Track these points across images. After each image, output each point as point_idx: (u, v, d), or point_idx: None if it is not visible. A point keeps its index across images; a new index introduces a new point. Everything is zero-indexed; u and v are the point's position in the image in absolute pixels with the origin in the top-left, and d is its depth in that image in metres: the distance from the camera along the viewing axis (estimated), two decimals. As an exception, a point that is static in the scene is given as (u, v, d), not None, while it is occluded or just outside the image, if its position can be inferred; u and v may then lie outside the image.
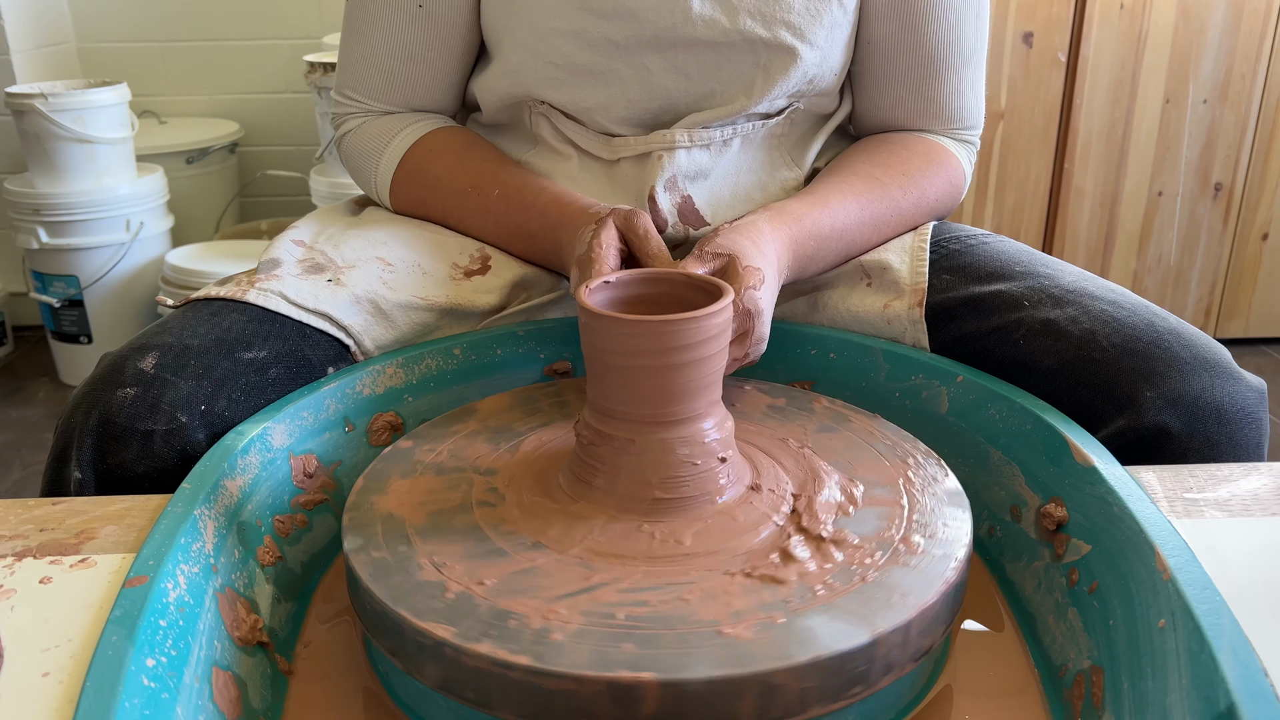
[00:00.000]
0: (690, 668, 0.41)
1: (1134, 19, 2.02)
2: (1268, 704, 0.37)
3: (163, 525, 0.50)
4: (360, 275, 0.72)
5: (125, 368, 0.61)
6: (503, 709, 0.43)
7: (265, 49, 2.43)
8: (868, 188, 0.76)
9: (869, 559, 0.48)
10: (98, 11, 2.39)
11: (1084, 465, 0.55)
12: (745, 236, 0.66)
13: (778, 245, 0.68)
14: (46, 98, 1.91)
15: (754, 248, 0.65)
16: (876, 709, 0.46)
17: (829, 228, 0.73)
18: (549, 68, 0.77)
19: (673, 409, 0.50)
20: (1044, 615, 0.55)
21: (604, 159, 0.81)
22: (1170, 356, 0.62)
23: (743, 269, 0.63)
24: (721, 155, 0.80)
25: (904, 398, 0.69)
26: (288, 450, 0.61)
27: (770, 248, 0.67)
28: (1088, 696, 0.48)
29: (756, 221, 0.69)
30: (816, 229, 0.72)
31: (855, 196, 0.75)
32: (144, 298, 2.11)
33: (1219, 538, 0.50)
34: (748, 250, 0.64)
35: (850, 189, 0.76)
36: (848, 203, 0.75)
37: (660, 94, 0.77)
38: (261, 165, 2.49)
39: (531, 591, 0.46)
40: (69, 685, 0.41)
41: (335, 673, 0.52)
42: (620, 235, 0.67)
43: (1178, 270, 2.22)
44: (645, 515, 0.51)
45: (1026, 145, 2.10)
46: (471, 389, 0.71)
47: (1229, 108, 2.09)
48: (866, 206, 0.76)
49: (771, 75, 0.76)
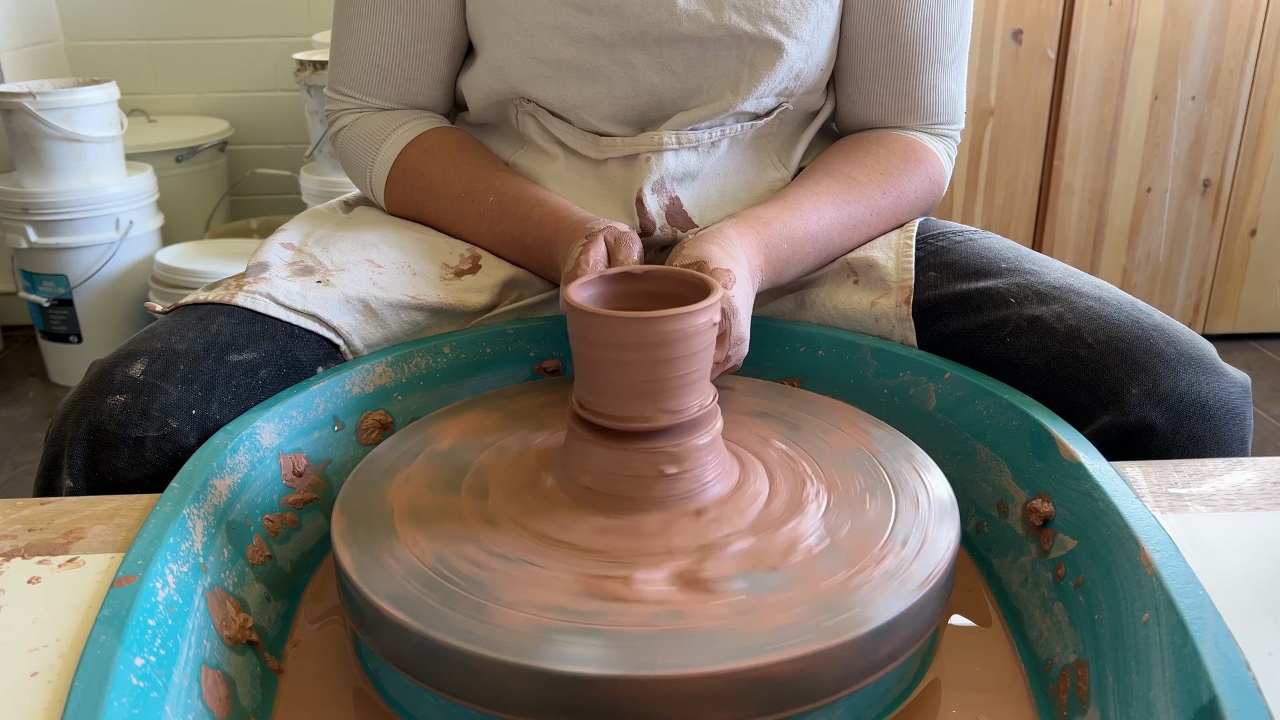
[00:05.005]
0: (677, 664, 0.41)
1: (1123, 16, 2.03)
2: (1249, 696, 0.38)
3: (151, 525, 0.50)
4: (350, 277, 0.72)
5: (114, 375, 0.61)
6: (492, 706, 0.43)
7: (255, 47, 2.42)
8: (844, 189, 0.77)
9: (859, 558, 0.48)
10: (86, 9, 2.38)
11: (1070, 461, 0.55)
12: (712, 242, 0.66)
13: (746, 249, 0.68)
14: (35, 96, 1.90)
15: (721, 251, 0.65)
16: (864, 704, 0.46)
17: (802, 231, 0.73)
18: (534, 64, 0.77)
19: (661, 406, 0.51)
20: (1030, 610, 0.55)
21: (591, 159, 0.81)
22: (1155, 353, 0.62)
23: (711, 271, 0.63)
24: (709, 156, 0.80)
25: (892, 394, 0.70)
26: (277, 449, 0.61)
27: (739, 250, 0.67)
28: (1073, 690, 0.48)
29: (722, 228, 0.69)
30: (788, 232, 0.72)
31: (831, 198, 0.76)
32: (134, 297, 2.11)
33: (1203, 532, 0.50)
34: (715, 254, 0.64)
35: (825, 190, 0.76)
36: (822, 205, 0.75)
37: (646, 90, 0.77)
38: (251, 164, 2.48)
39: (519, 589, 0.46)
40: (57, 685, 0.41)
41: (325, 671, 0.52)
42: (609, 252, 0.67)
43: (1166, 266, 2.23)
44: (634, 513, 0.51)
45: (1016, 142, 2.11)
46: (461, 387, 0.71)
47: (1217, 104, 2.10)
48: (843, 207, 0.76)
49: (758, 71, 0.76)
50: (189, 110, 2.48)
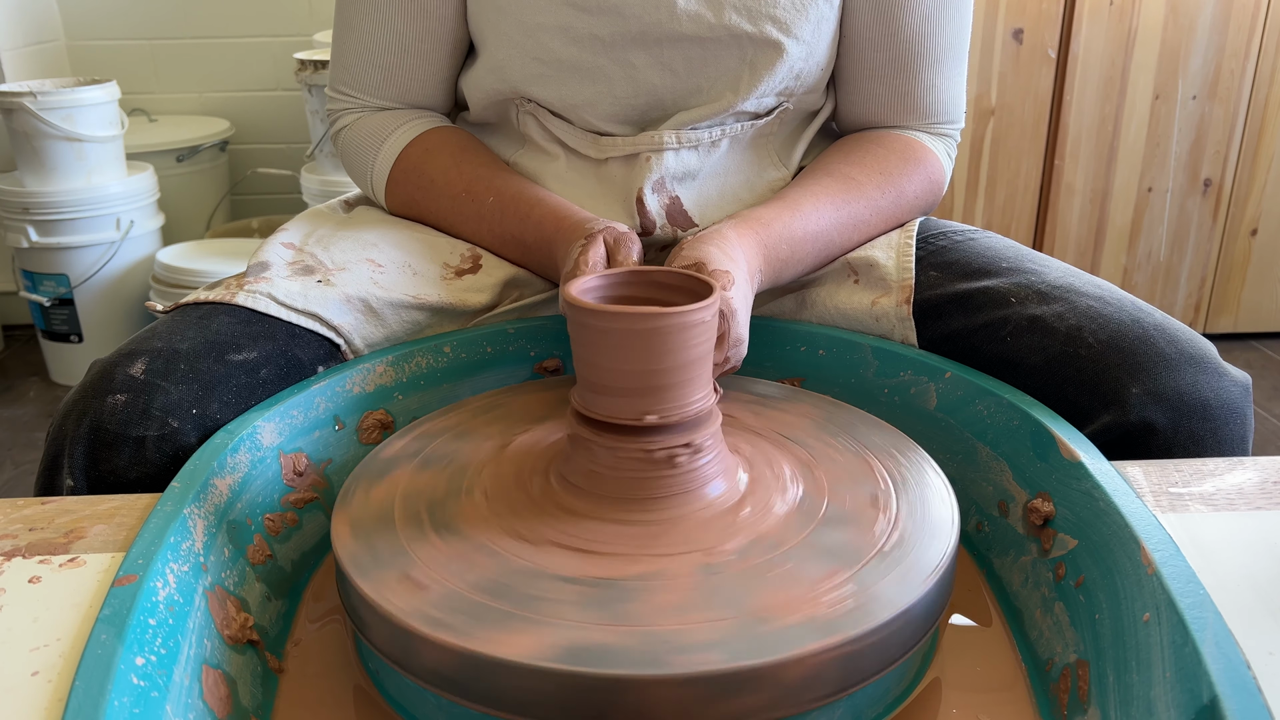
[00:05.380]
0: (678, 663, 0.41)
1: (1123, 15, 2.03)
2: (1250, 696, 0.38)
3: (152, 524, 0.50)
4: (350, 276, 0.72)
5: (115, 374, 0.61)
6: (492, 705, 0.43)
7: (255, 46, 2.42)
8: (843, 189, 0.77)
9: (860, 556, 0.48)
10: (87, 9, 2.38)
11: (1070, 460, 0.55)
12: (710, 244, 0.66)
13: (745, 250, 0.68)
14: (35, 96, 1.90)
15: (720, 253, 0.65)
16: (865, 703, 0.46)
17: (801, 231, 0.73)
18: (535, 64, 0.77)
19: (661, 404, 0.51)
20: (1031, 610, 0.55)
21: (592, 158, 0.81)
22: (1156, 352, 0.62)
23: (710, 273, 0.63)
24: (710, 156, 0.80)
25: (892, 394, 0.70)
26: (277, 449, 0.61)
27: (738, 252, 0.67)
28: (1073, 690, 0.48)
29: (721, 229, 0.69)
30: (788, 233, 0.72)
31: (830, 198, 0.76)
32: (134, 296, 2.11)
33: (1203, 532, 0.50)
34: (714, 255, 0.64)
35: (825, 190, 0.76)
36: (821, 205, 0.75)
37: (647, 90, 0.77)
38: (252, 163, 2.48)
39: (519, 587, 0.46)
40: (58, 684, 0.41)
41: (325, 671, 0.53)
42: (609, 252, 0.67)
43: (1167, 266, 2.23)
44: (635, 511, 0.51)
45: (1017, 142, 2.11)
46: (462, 387, 0.71)
47: (1218, 104, 2.10)
48: (843, 207, 0.76)
49: (758, 71, 0.76)
50: (190, 110, 2.48)
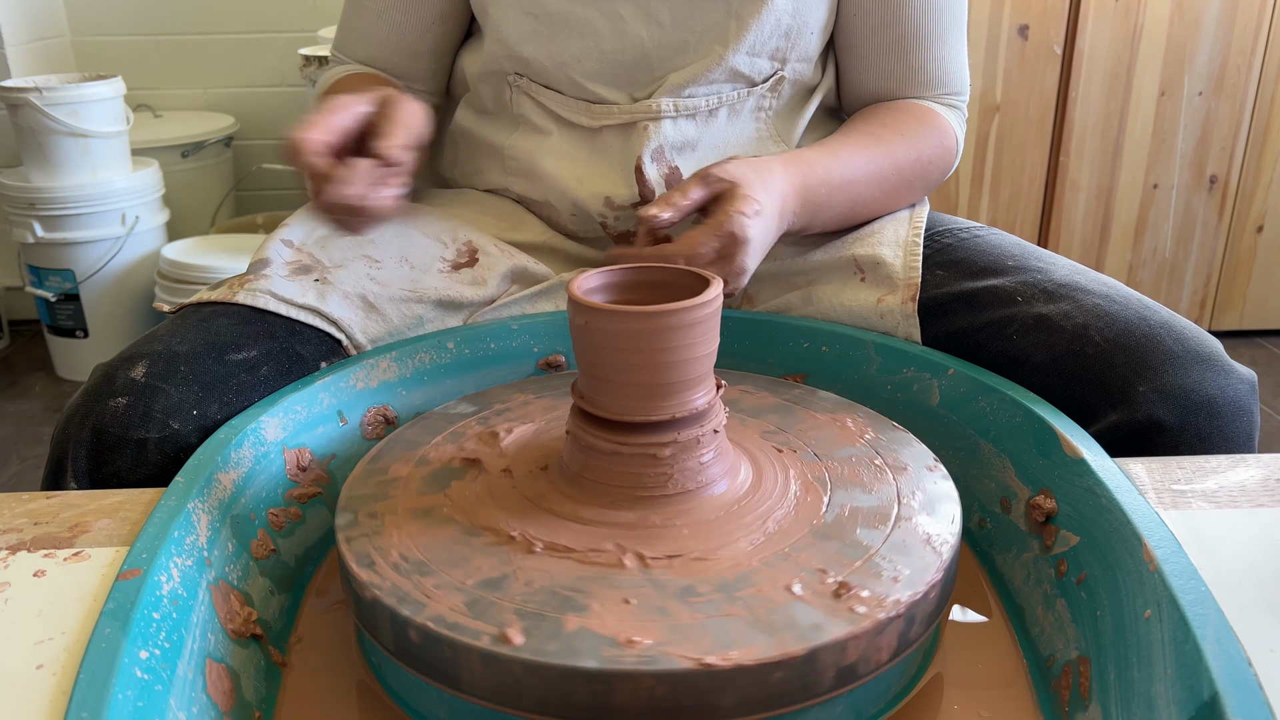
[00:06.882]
0: (680, 658, 0.41)
1: (1129, 11, 2.02)
2: (1251, 693, 0.38)
3: (156, 518, 0.50)
4: (348, 274, 0.73)
5: (116, 377, 0.62)
6: (494, 700, 0.43)
7: (260, 42, 2.42)
8: (871, 143, 0.79)
9: (862, 553, 0.48)
10: (92, 5, 2.38)
11: (1073, 457, 0.55)
12: (754, 170, 0.67)
13: (783, 188, 0.69)
14: (41, 91, 1.90)
15: (758, 180, 0.66)
16: (866, 699, 0.46)
17: (839, 177, 0.75)
18: (527, 19, 0.78)
19: (664, 399, 0.51)
20: (1033, 606, 0.55)
21: (585, 127, 0.81)
22: (1162, 350, 0.62)
23: (739, 195, 0.64)
24: (708, 126, 0.80)
25: (895, 390, 0.70)
26: (281, 444, 0.61)
27: (775, 188, 0.68)
28: (1075, 686, 0.48)
29: (770, 162, 0.71)
30: (828, 177, 0.74)
31: (862, 150, 0.78)
32: (140, 292, 2.11)
33: (1206, 529, 0.50)
34: (751, 181, 0.66)
35: (857, 144, 0.78)
36: (856, 155, 0.77)
37: (634, 45, 0.78)
38: (257, 159, 2.49)
39: (520, 583, 0.46)
40: (63, 678, 0.41)
41: (329, 665, 0.53)
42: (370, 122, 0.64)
43: (1173, 263, 2.22)
44: (639, 506, 0.51)
45: (1022, 138, 2.10)
46: (465, 382, 0.72)
47: (1224, 100, 2.09)
48: (872, 161, 0.78)
49: (745, 21, 0.77)
50: (195, 105, 2.48)
